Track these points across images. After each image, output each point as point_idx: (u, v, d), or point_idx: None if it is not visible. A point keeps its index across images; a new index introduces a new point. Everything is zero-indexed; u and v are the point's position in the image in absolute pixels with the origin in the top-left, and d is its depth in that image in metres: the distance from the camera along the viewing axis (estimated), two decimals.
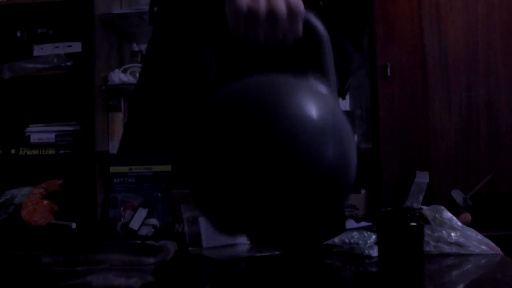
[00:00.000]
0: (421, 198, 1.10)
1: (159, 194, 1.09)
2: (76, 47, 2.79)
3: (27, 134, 2.77)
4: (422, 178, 1.10)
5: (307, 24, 0.78)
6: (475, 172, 2.60)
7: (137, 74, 2.78)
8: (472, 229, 0.97)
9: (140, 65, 2.84)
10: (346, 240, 0.95)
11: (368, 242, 0.93)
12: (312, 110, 0.67)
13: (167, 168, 1.12)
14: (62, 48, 2.79)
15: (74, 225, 2.57)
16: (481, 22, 2.63)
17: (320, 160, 0.65)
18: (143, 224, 1.08)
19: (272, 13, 0.77)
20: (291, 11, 0.78)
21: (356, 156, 0.72)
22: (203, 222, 1.02)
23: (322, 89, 0.74)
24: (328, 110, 0.69)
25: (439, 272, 0.86)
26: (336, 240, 0.97)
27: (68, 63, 2.72)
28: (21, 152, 2.75)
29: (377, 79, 2.63)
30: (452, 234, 0.94)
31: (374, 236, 0.93)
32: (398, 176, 2.59)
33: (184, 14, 1.24)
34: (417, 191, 1.09)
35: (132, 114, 1.34)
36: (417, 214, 0.84)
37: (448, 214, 0.97)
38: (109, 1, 2.84)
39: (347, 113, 1.02)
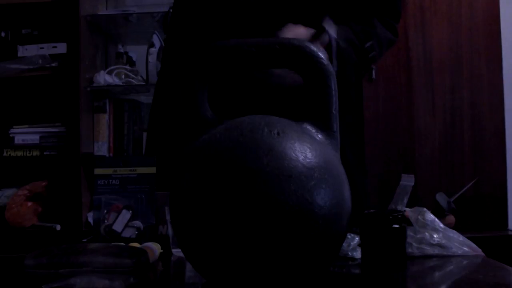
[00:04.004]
0: (405, 201, 1.11)
1: (143, 196, 1.09)
2: (61, 48, 2.77)
3: (11, 135, 2.74)
4: (408, 181, 1.11)
5: (312, 57, 0.75)
6: (459, 174, 2.62)
7: (122, 76, 2.78)
8: (454, 231, 0.98)
9: (125, 66, 2.83)
10: None
11: (351, 244, 0.93)
12: (300, 161, 0.66)
13: (152, 170, 1.11)
14: (47, 49, 2.77)
15: (58, 227, 2.55)
16: (464, 25, 2.65)
17: (307, 209, 0.64)
18: (126, 226, 1.08)
19: None
20: None
21: (350, 202, 0.71)
22: None
23: (317, 134, 0.74)
24: (318, 160, 0.68)
25: (421, 274, 0.87)
26: None
27: (53, 64, 2.70)
28: (5, 154, 2.73)
29: (362, 82, 2.64)
30: (435, 236, 0.95)
31: (357, 238, 0.93)
32: (382, 178, 2.60)
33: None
34: (402, 193, 1.10)
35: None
36: (399, 216, 0.85)
37: (430, 216, 0.98)
38: (94, 2, 2.83)
39: None
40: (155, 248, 0.95)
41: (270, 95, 1.08)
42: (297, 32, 1.10)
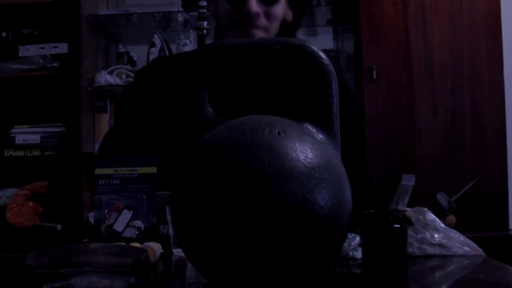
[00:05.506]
0: (406, 201, 1.10)
1: (144, 196, 1.09)
2: (62, 48, 2.77)
3: (12, 135, 2.75)
4: (409, 180, 1.10)
5: (312, 57, 0.75)
6: (459, 174, 2.62)
7: (123, 76, 2.78)
8: (455, 231, 0.98)
9: (126, 66, 2.83)
10: None
11: (352, 244, 0.93)
12: (301, 161, 0.66)
13: (152, 170, 1.11)
14: (48, 49, 2.78)
15: (59, 227, 2.55)
16: (465, 25, 2.65)
17: (307, 209, 0.64)
18: (127, 226, 1.08)
19: None
20: None
21: (351, 202, 0.71)
22: None
23: (318, 134, 0.74)
24: (319, 160, 0.68)
25: (422, 273, 0.87)
26: None
27: (54, 64, 2.70)
28: (6, 154, 2.73)
29: (363, 82, 2.64)
30: (435, 236, 0.95)
31: (358, 238, 0.93)
32: (383, 178, 2.60)
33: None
34: (403, 193, 1.10)
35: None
36: (400, 216, 0.85)
37: (431, 216, 0.98)
38: (95, 2, 2.83)
39: None
40: (156, 248, 0.95)
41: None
42: None
